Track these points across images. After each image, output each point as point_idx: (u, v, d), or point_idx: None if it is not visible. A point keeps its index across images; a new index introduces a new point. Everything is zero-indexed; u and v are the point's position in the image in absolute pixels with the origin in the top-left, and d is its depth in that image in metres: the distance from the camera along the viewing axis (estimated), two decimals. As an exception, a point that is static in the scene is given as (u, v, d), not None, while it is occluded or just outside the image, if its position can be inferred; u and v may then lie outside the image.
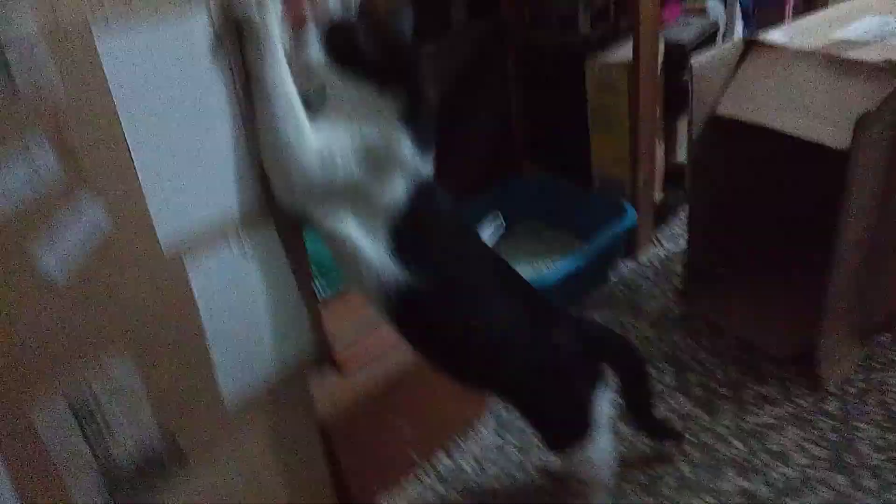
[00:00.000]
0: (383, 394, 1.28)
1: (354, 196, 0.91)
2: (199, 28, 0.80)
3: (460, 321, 1.02)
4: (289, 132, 0.86)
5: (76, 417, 0.80)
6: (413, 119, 0.92)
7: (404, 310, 0.98)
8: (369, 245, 0.93)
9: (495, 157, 2.09)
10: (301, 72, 0.88)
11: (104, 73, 0.73)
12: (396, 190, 0.93)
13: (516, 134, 2.10)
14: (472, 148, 2.00)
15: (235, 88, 0.85)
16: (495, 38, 1.94)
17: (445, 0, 1.82)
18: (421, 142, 0.94)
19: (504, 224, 1.90)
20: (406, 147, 0.92)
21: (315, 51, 0.89)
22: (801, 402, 1.44)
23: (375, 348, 1.31)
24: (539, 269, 1.86)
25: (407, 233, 0.93)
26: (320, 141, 0.88)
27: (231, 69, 0.83)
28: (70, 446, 0.80)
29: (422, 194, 0.94)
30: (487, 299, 1.03)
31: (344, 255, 0.96)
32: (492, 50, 1.95)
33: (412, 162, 0.93)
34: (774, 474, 1.30)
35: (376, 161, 0.91)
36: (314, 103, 0.92)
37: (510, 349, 1.06)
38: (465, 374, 1.10)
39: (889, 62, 1.27)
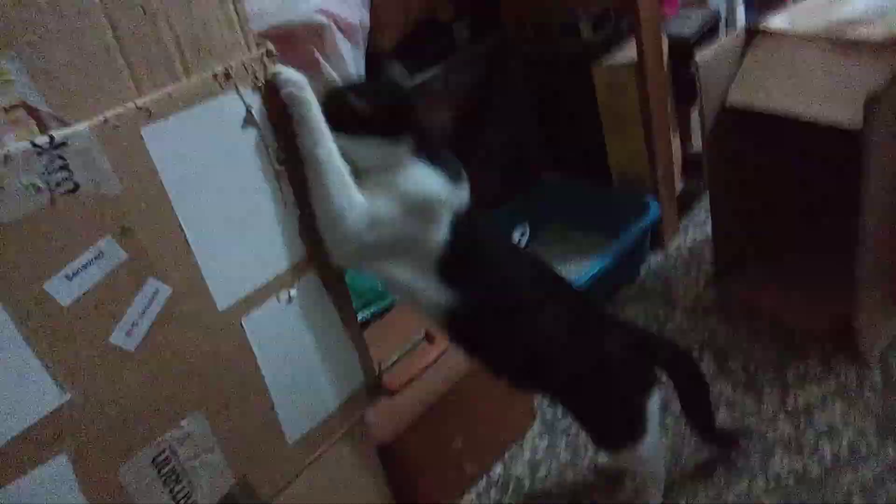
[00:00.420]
0: (434, 411, 1.33)
1: (404, 244, 0.96)
2: (232, 104, 0.86)
3: (514, 332, 1.07)
4: (340, 202, 0.91)
5: (159, 474, 0.87)
6: (428, 153, 0.96)
7: (460, 327, 1.05)
8: (420, 280, 0.98)
9: (513, 168, 2.12)
10: None
11: (151, 159, 0.79)
12: (441, 229, 0.97)
13: (531, 143, 2.14)
14: (490, 162, 2.04)
15: (271, 155, 0.90)
16: (500, 53, 1.98)
17: (449, 23, 1.87)
18: (449, 172, 0.98)
19: (528, 230, 1.94)
20: (437, 184, 0.96)
21: None
22: (844, 376, 1.46)
23: (421, 366, 1.37)
24: (570, 271, 1.89)
25: (454, 261, 0.98)
26: (367, 203, 0.93)
27: (264, 139, 0.89)
28: (156, 501, 0.87)
29: (463, 222, 0.98)
30: (539, 310, 1.08)
31: (397, 290, 1.04)
32: (498, 65, 1.99)
33: (448, 195, 0.97)
34: (824, 451, 1.32)
35: (417, 208, 0.95)
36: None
37: (563, 356, 1.11)
38: (519, 381, 1.16)
39: (893, 38, 1.28)
